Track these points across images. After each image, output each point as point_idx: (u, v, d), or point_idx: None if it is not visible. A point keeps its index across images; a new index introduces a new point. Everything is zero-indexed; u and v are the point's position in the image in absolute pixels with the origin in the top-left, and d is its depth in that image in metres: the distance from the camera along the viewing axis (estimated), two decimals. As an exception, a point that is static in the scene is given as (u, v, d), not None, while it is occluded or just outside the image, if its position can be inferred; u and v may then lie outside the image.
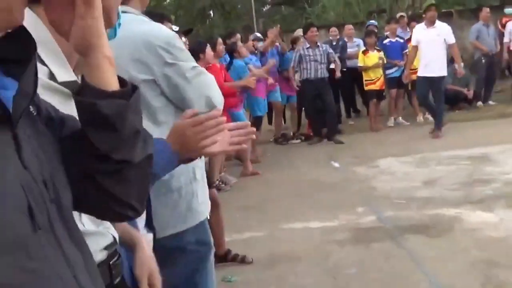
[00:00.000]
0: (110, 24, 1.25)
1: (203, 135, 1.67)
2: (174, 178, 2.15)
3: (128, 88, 0.93)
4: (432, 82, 9.76)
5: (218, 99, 2.28)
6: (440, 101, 10.00)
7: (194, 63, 2.29)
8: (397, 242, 5.03)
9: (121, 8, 1.32)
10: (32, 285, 0.76)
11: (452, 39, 9.80)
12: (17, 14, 0.81)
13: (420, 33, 9.98)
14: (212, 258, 2.61)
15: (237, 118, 7.60)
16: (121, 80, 0.94)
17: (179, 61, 2.19)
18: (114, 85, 0.91)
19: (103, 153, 0.91)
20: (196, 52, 7.27)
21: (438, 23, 9.90)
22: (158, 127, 2.12)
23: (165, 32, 2.26)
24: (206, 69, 7.44)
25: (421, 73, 9.83)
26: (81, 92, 0.90)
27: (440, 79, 9.74)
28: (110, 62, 0.90)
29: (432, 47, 9.69)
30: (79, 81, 1.19)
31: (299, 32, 11.89)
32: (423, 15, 10.27)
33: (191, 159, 1.78)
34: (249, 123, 1.99)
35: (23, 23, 0.88)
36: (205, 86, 2.24)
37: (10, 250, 0.74)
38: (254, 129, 1.96)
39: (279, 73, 10.55)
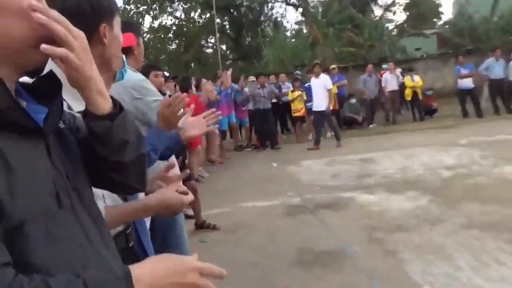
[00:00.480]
0: (109, 69, 1.23)
1: (175, 110, 1.69)
2: None
3: (116, 111, 0.89)
4: (322, 114, 9.88)
5: None
6: (331, 125, 10.13)
7: (157, 97, 2.21)
8: (314, 214, 5.07)
9: None
10: (57, 246, 0.74)
11: (329, 86, 9.83)
12: (33, 56, 0.78)
13: (313, 82, 10.13)
14: (179, 226, 2.52)
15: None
16: (115, 104, 0.91)
17: (144, 96, 2.14)
18: (105, 110, 0.87)
19: (102, 156, 0.91)
20: (186, 87, 7.30)
21: (322, 75, 9.99)
22: None
23: (136, 78, 2.17)
24: (191, 98, 7.51)
25: (314, 108, 9.98)
26: (84, 114, 0.89)
27: (324, 111, 9.76)
28: (101, 94, 0.87)
29: (318, 91, 9.82)
30: None
31: (251, 78, 12.01)
32: (313, 70, 10.32)
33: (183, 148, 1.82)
34: (215, 110, 1.96)
35: (50, 67, 0.89)
36: None
37: (43, 220, 0.73)
38: (220, 112, 1.94)
39: (235, 104, 10.56)
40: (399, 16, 30.35)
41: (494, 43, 16.80)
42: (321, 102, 9.73)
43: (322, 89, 9.74)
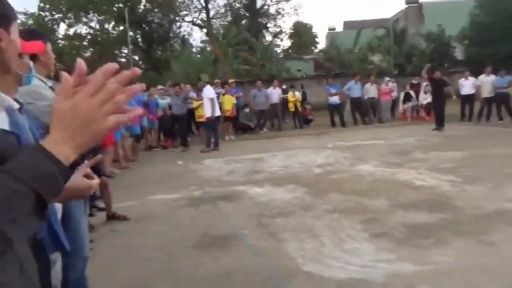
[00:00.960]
0: (8, 72, 1.13)
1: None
2: None
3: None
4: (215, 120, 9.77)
5: None
6: (207, 132, 9.87)
7: (50, 102, 2.04)
8: (212, 205, 5.09)
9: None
10: None
11: (209, 96, 9.50)
12: None
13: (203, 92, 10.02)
14: (73, 219, 2.32)
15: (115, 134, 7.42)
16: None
17: (36, 101, 1.98)
18: (67, 161, 0.69)
19: None
20: None
21: (206, 87, 9.69)
22: None
23: (32, 84, 1.93)
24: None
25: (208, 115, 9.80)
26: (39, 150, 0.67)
27: (209, 118, 9.60)
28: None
29: (205, 101, 9.64)
30: None
31: (159, 86, 11.77)
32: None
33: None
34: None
35: None
36: None
37: None
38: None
39: (147, 109, 10.27)
40: (285, 42, 31.82)
41: (355, 69, 18.46)
42: (207, 110, 9.72)
43: (206, 99, 9.63)
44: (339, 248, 3.41)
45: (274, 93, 13.06)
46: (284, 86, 14.77)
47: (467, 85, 12.12)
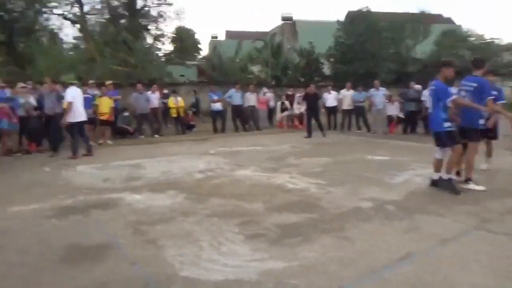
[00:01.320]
0: None
1: None
2: None
3: None
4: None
5: None
6: (83, 135, 9.08)
7: None
8: (85, 214, 4.72)
9: None
10: None
11: (69, 100, 8.65)
12: None
13: None
14: None
15: None
16: None
17: None
18: None
19: None
20: None
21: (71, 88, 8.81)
22: None
23: None
24: None
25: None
26: None
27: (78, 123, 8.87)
28: None
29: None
30: None
31: (21, 84, 10.51)
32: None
33: None
34: None
35: None
36: None
37: None
38: None
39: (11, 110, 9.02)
40: (168, 46, 31.29)
41: (236, 78, 19.16)
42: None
43: (65, 102, 8.74)
44: (217, 251, 3.52)
45: (154, 97, 12.80)
46: (165, 91, 14.54)
47: (330, 98, 13.79)
